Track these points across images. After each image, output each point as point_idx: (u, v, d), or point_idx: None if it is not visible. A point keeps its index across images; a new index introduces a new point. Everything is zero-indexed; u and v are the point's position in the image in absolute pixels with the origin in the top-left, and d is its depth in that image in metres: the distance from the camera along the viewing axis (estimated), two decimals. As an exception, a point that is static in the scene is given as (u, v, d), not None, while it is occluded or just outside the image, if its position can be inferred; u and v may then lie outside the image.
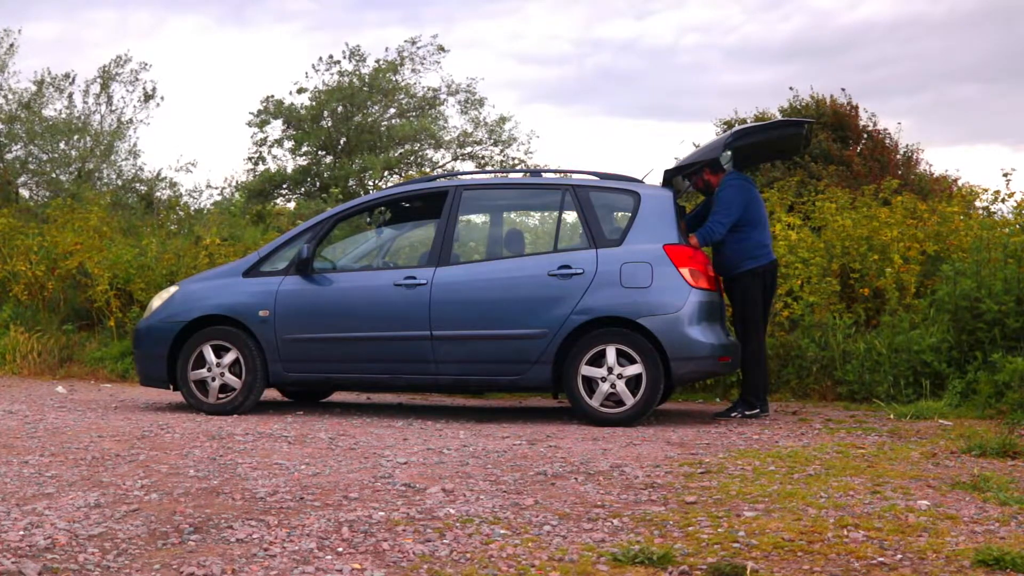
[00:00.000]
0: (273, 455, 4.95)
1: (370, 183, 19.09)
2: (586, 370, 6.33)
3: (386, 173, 19.31)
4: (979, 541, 3.28)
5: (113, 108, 19.10)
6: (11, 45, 18.66)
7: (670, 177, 7.08)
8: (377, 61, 20.14)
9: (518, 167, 19.69)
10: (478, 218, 8.14)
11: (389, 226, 7.82)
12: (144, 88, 19.18)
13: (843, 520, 3.56)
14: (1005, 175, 8.83)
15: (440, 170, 19.66)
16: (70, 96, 18.94)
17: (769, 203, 9.41)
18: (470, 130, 20.87)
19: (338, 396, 8.25)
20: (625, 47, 35.52)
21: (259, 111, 20.16)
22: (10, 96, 18.59)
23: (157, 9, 33.55)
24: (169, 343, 6.89)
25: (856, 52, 32.86)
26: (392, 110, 20.51)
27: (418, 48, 20.42)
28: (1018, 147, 33.24)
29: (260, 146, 20.50)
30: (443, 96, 20.70)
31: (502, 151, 20.84)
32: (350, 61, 20.11)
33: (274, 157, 20.46)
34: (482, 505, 3.81)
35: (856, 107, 16.39)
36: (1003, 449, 4.95)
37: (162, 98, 20.23)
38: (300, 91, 19.90)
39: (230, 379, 6.80)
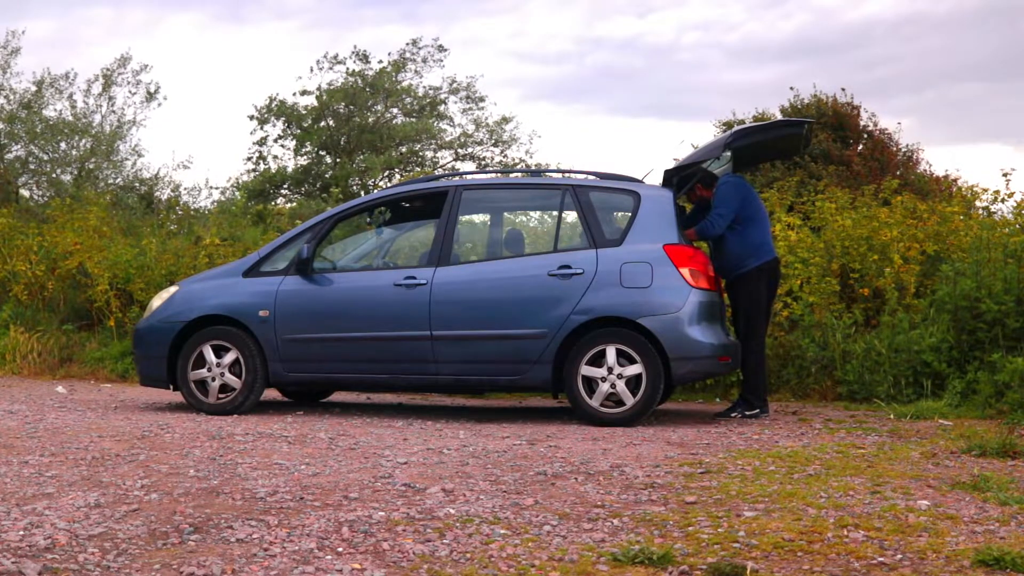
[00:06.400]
0: (273, 455, 4.95)
1: (371, 183, 19.09)
2: (586, 370, 6.33)
3: (386, 173, 19.31)
4: (979, 541, 3.28)
5: (114, 109, 19.13)
6: (15, 50, 18.68)
7: (670, 177, 7.08)
8: (380, 62, 20.19)
9: (518, 167, 19.70)
10: (478, 218, 8.14)
11: (389, 226, 7.82)
12: (147, 89, 19.20)
13: (843, 520, 3.56)
14: (1005, 175, 8.84)
15: (441, 170, 19.67)
16: (70, 96, 18.96)
17: (769, 203, 9.40)
18: (471, 131, 20.90)
19: (338, 396, 8.25)
20: (626, 45, 35.55)
21: (261, 109, 20.17)
22: (11, 96, 18.60)
23: (153, 7, 33.59)
24: (169, 343, 6.89)
25: (858, 50, 32.90)
26: (394, 110, 20.52)
27: (419, 49, 20.45)
28: (1020, 146, 33.27)
29: (260, 145, 20.52)
30: (444, 95, 20.71)
31: (502, 151, 20.86)
32: (355, 62, 20.15)
33: (275, 157, 20.47)
34: (482, 505, 3.81)
35: (857, 107, 16.40)
36: (1003, 449, 4.95)
37: (164, 98, 20.25)
38: (303, 93, 19.93)
39: (230, 379, 6.80)
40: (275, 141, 20.45)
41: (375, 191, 13.97)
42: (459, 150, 20.84)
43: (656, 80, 36.01)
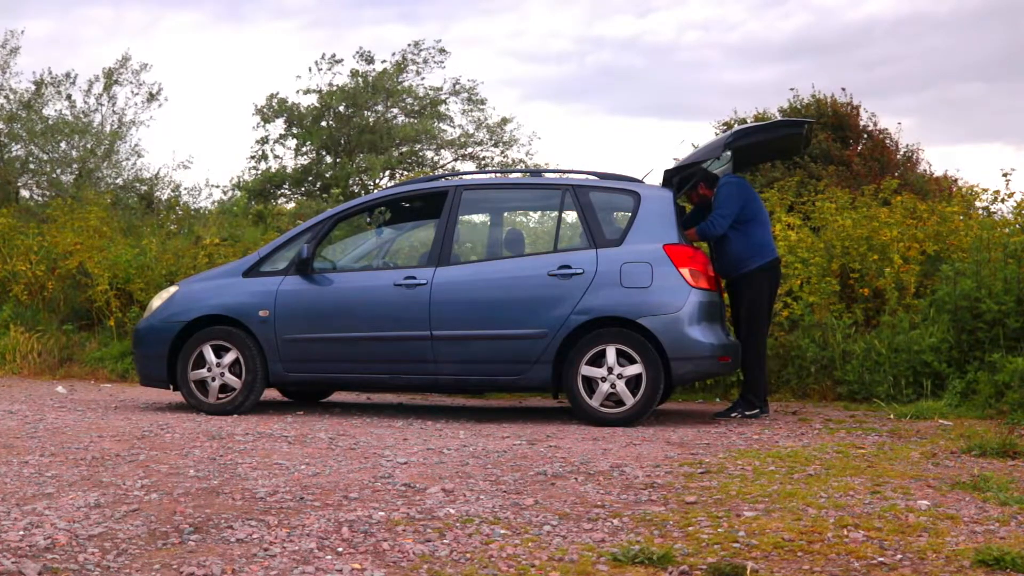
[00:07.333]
0: (273, 455, 4.95)
1: (371, 183, 19.10)
2: (586, 370, 6.33)
3: (387, 173, 19.31)
4: (979, 541, 3.28)
5: (115, 109, 19.12)
6: (14, 49, 18.68)
7: (670, 177, 7.08)
8: (383, 62, 20.19)
9: (518, 167, 19.70)
10: (478, 218, 8.14)
11: (389, 226, 7.82)
12: (149, 90, 19.20)
13: (843, 520, 3.56)
14: (1005, 175, 8.85)
15: (441, 170, 19.67)
16: (69, 96, 18.95)
17: (769, 203, 9.41)
18: (471, 131, 20.90)
19: (338, 396, 8.25)
20: (626, 45, 35.54)
21: (262, 107, 20.17)
22: (11, 96, 18.60)
23: (152, 6, 33.60)
24: (169, 343, 6.89)
25: (859, 50, 32.89)
26: (395, 110, 20.52)
27: (420, 51, 20.46)
28: (1021, 146, 33.28)
29: (263, 144, 20.52)
30: (446, 96, 20.70)
31: (503, 152, 20.86)
32: (358, 62, 20.16)
33: (276, 156, 20.47)
34: (482, 505, 3.81)
35: (857, 107, 16.40)
36: (1003, 449, 4.95)
37: (166, 99, 20.25)
38: (307, 92, 19.93)
39: (230, 379, 6.80)
40: (275, 141, 20.47)
41: (375, 191, 13.97)
42: (459, 150, 20.85)
43: (656, 80, 36.02)
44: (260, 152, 20.50)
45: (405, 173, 19.44)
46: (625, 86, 35.65)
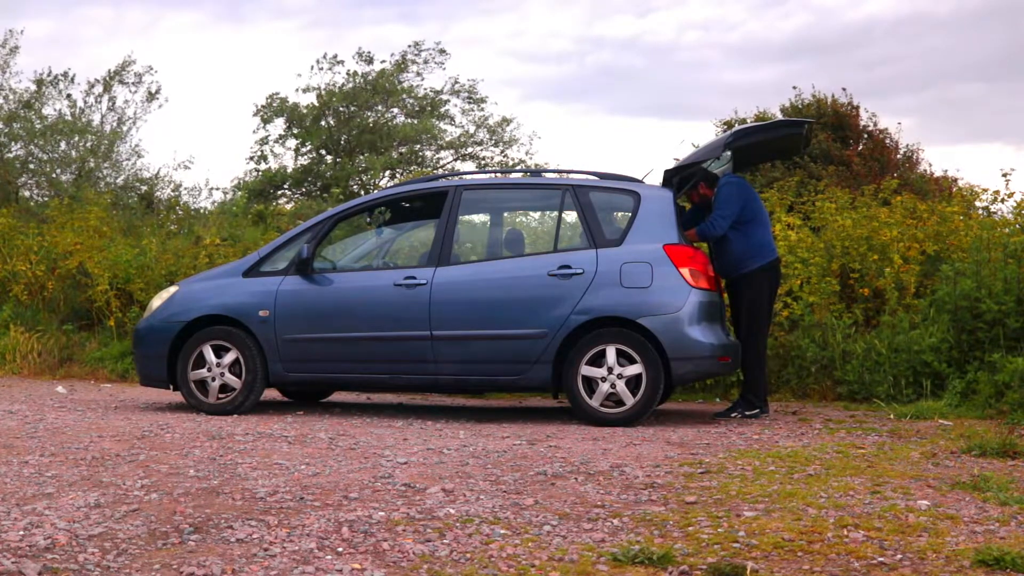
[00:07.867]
0: (273, 455, 4.95)
1: (371, 183, 19.10)
2: (586, 370, 6.33)
3: (386, 173, 19.31)
4: (979, 541, 3.28)
5: (115, 109, 19.11)
6: (14, 47, 18.67)
7: (670, 177, 7.08)
8: (383, 61, 20.20)
9: (518, 167, 19.70)
10: (478, 218, 8.14)
11: (389, 226, 7.82)
12: (149, 89, 19.19)
13: (843, 520, 3.56)
14: (1005, 175, 8.85)
15: (441, 170, 19.67)
16: (69, 96, 18.94)
17: (769, 203, 9.40)
18: (471, 131, 20.89)
19: (338, 396, 8.25)
20: (626, 45, 35.55)
21: (263, 107, 20.17)
22: (10, 96, 18.59)
23: (152, 6, 33.61)
24: (169, 343, 6.89)
25: (859, 50, 32.90)
26: (395, 110, 20.52)
27: (420, 52, 20.46)
28: (1021, 146, 33.29)
29: (263, 144, 20.52)
30: (446, 97, 20.70)
31: (503, 152, 20.86)
32: (358, 63, 20.17)
33: (275, 155, 20.47)
34: (482, 505, 3.81)
35: (857, 107, 16.41)
36: (1003, 449, 4.95)
37: (166, 99, 20.24)
38: (307, 90, 19.93)
39: (230, 379, 6.79)
40: (275, 142, 20.47)
41: (375, 191, 13.97)
42: (459, 150, 20.84)
43: (656, 80, 36.03)
44: (260, 152, 20.51)
45: (406, 173, 19.43)
46: (625, 86, 35.67)
